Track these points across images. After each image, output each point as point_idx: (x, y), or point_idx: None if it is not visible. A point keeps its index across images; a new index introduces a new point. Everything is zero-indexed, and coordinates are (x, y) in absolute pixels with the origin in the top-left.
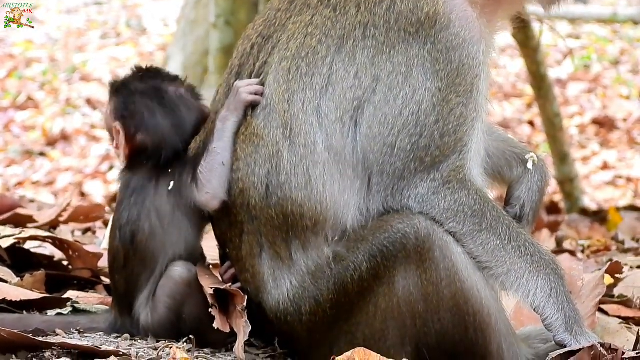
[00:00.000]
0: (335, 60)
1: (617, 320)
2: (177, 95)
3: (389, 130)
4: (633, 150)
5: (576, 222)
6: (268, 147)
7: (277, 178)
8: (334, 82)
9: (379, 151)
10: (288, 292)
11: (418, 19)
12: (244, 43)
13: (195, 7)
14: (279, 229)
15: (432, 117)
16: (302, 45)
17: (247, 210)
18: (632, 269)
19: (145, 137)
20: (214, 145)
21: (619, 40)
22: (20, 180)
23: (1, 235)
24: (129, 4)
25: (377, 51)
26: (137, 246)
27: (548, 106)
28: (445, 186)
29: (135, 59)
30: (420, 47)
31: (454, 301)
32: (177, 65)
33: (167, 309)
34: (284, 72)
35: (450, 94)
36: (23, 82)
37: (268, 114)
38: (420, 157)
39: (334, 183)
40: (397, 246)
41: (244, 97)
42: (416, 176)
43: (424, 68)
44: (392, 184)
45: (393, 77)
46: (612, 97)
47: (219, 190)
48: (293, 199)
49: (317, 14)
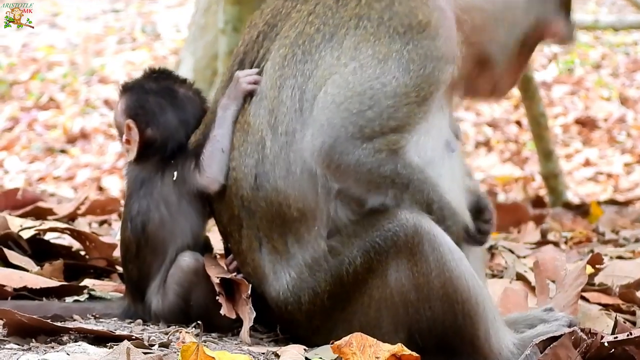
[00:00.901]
0: (325, 46)
1: (598, 307)
2: (187, 96)
3: (344, 93)
4: (613, 148)
5: (560, 215)
6: (255, 136)
7: (263, 168)
8: (319, 66)
9: (323, 108)
10: (287, 283)
11: (409, 23)
12: (250, 31)
13: (204, 13)
14: (272, 222)
15: (389, 101)
16: (301, 33)
17: (241, 202)
18: (612, 259)
19: (155, 132)
20: (214, 133)
21: (600, 45)
22: (42, 175)
23: (23, 227)
24: (144, 11)
25: (362, 39)
26: (148, 236)
27: (534, 107)
28: (372, 156)
29: (149, 63)
30: (402, 45)
31: (444, 290)
32: (188, 68)
33: (177, 296)
34: (280, 58)
35: (412, 92)
36: (45, 84)
37: (259, 101)
38: (361, 125)
39: (309, 175)
40: (389, 242)
41: (243, 86)
42: (348, 141)
43: (399, 62)
44: (327, 140)
45: (369, 59)
46: (593, 99)
47: (218, 174)
48: (278, 190)
49: (320, 3)
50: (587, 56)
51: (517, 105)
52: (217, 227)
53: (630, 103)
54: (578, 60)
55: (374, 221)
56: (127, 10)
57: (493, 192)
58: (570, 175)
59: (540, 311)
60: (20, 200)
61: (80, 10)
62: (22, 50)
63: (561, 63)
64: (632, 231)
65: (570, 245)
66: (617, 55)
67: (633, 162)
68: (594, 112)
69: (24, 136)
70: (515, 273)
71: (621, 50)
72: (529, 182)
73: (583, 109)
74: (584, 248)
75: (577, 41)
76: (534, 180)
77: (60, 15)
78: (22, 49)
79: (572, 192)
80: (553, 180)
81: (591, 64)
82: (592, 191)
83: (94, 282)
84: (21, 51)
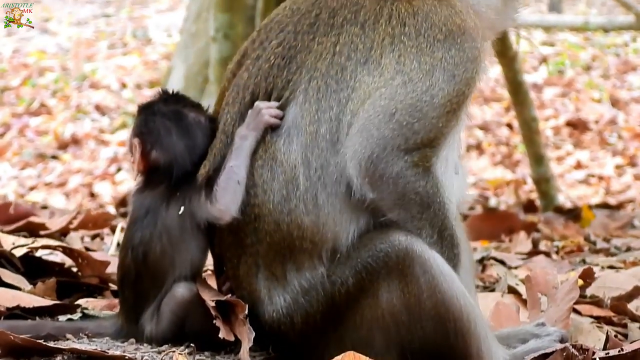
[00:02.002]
0: (361, 71)
1: (589, 320)
2: (196, 121)
3: (395, 105)
4: (604, 151)
5: (552, 220)
6: (286, 173)
7: (289, 205)
8: (356, 90)
9: (374, 117)
10: (282, 307)
11: (449, 29)
12: (257, 63)
13: (195, 20)
14: (277, 252)
15: (435, 113)
16: (331, 63)
17: (256, 234)
18: (603, 269)
19: (159, 155)
20: (231, 164)
21: (591, 47)
22: (34, 183)
23: (15, 245)
24: (135, 16)
25: (403, 52)
26: (148, 265)
27: (525, 111)
28: (411, 169)
29: (140, 67)
30: (445, 51)
31: (435, 310)
32: (180, 75)
33: (171, 324)
34: (314, 91)
35: (454, 100)
36: (36, 90)
37: (293, 136)
38: (407, 137)
39: (337, 202)
40: (380, 263)
41: (266, 118)
42: (394, 152)
43: (445, 70)
44: (375, 149)
45: (416, 72)
46: (584, 101)
47: (231, 206)
48: (299, 224)
49: (344, 32)
50: (578, 57)
51: (508, 107)
52: (211, 249)
53: (621, 105)
54: (568, 61)
55: (366, 241)
56: (118, 15)
57: (484, 196)
58: (562, 178)
59: (532, 326)
60: (12, 214)
61: (72, 15)
62: (13, 56)
63: (551, 65)
64: (624, 239)
65: (561, 255)
66: (608, 56)
67: (624, 164)
68: (585, 114)
69: (15, 142)
70: (506, 286)
71: (611, 52)
72: (520, 185)
73: (574, 111)
74: (575, 257)
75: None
76: (526, 184)
77: (51, 20)
78: (13, 54)
79: (563, 195)
80: (544, 185)
81: (582, 65)
82: (583, 194)
83: (87, 300)
84: (12, 57)
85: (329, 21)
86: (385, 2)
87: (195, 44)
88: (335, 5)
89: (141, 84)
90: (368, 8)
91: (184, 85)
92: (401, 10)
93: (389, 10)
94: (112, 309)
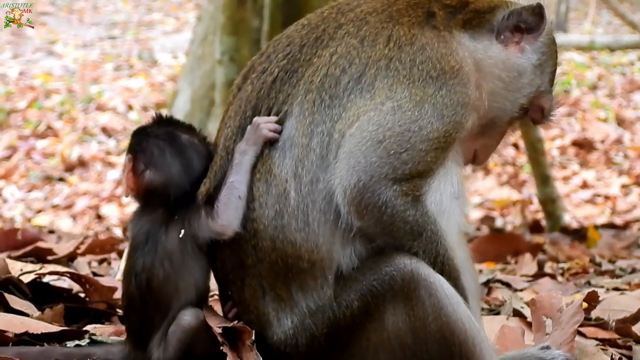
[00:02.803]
0: (354, 88)
1: (594, 342)
2: (189, 142)
3: (383, 132)
4: (610, 170)
5: (558, 240)
6: (279, 187)
7: (282, 220)
8: (348, 109)
9: (362, 143)
10: (289, 328)
11: (442, 68)
12: (262, 76)
13: (201, 44)
14: (278, 273)
15: (423, 145)
16: (325, 75)
17: (255, 253)
18: (608, 290)
19: (153, 175)
20: (231, 179)
21: (597, 66)
22: (41, 206)
23: (23, 271)
24: (140, 38)
25: (396, 81)
26: (153, 291)
27: (530, 132)
28: (400, 199)
29: (146, 89)
30: (436, 89)
31: (441, 334)
32: (186, 98)
33: (178, 351)
34: (309, 104)
35: (442, 137)
36: (43, 112)
37: (287, 149)
38: (395, 166)
39: (327, 222)
40: (385, 286)
41: (264, 132)
42: (381, 181)
43: (434, 107)
44: (362, 177)
45: (406, 101)
46: (590, 120)
47: (233, 221)
48: (293, 242)
49: (343, 44)
50: (584, 77)
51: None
52: (214, 274)
53: (626, 124)
54: (574, 81)
55: (372, 264)
56: (124, 37)
57: (491, 217)
58: (568, 197)
59: (537, 349)
60: (20, 240)
61: (77, 37)
62: (20, 78)
63: (558, 84)
64: (629, 261)
65: (567, 277)
66: (614, 75)
67: (630, 184)
68: (591, 134)
69: (22, 165)
70: (512, 309)
71: (617, 71)
72: (527, 205)
73: (580, 131)
74: (580, 279)
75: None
76: (532, 204)
77: (57, 43)
78: (20, 76)
79: (569, 215)
80: (550, 205)
81: (587, 84)
82: (589, 213)
83: (95, 326)
84: (18, 79)
85: (334, 35)
86: (387, 23)
87: (201, 67)
88: (342, 20)
89: (147, 105)
90: (371, 25)
91: (190, 108)
92: (400, 34)
93: (390, 32)
94: (119, 335)
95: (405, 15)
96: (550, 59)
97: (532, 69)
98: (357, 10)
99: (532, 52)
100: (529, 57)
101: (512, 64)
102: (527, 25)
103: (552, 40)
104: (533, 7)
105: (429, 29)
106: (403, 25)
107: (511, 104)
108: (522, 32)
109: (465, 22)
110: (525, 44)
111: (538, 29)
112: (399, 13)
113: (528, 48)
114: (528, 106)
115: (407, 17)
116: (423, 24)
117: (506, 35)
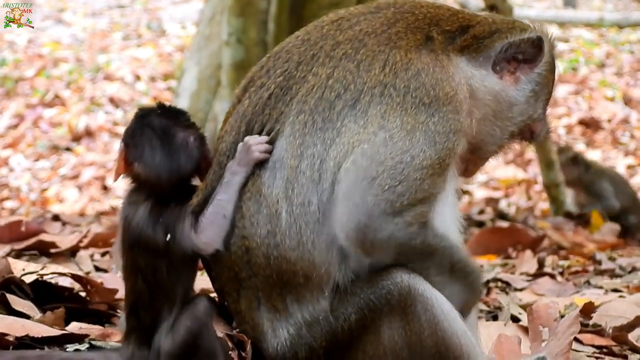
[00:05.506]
0: (348, 114)
1: (591, 350)
2: (183, 143)
3: (376, 168)
4: (616, 150)
5: (561, 225)
6: (270, 208)
7: (274, 239)
8: (342, 134)
9: (357, 183)
10: (285, 339)
11: (436, 94)
12: (257, 91)
13: (209, 24)
14: (273, 285)
15: (417, 174)
16: (320, 98)
17: (250, 268)
18: (607, 292)
19: (141, 170)
20: (219, 197)
21: (605, 43)
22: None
23: (25, 271)
24: (149, 7)
25: (389, 108)
26: (159, 282)
27: None
28: (404, 230)
29: (154, 59)
30: (428, 116)
31: (436, 348)
32: (192, 78)
33: (189, 333)
34: (300, 125)
35: (436, 163)
36: (51, 81)
37: (276, 170)
38: (392, 200)
39: (322, 242)
40: (382, 301)
41: (255, 155)
42: (381, 218)
43: (426, 134)
44: (361, 218)
45: (397, 130)
46: (597, 99)
47: (215, 239)
48: (288, 259)
49: (340, 67)
50: (592, 54)
51: None
52: (212, 284)
53: (634, 103)
54: (582, 58)
55: (369, 278)
56: (132, 6)
57: (495, 199)
58: None
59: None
60: (23, 232)
61: (87, 5)
62: (28, 46)
63: (565, 62)
64: (629, 259)
65: (566, 277)
66: (622, 53)
67: (636, 165)
68: (598, 113)
69: (29, 134)
70: (509, 315)
71: (626, 49)
72: (531, 185)
73: (587, 110)
74: (580, 278)
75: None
76: (537, 183)
77: (66, 11)
78: (28, 44)
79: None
80: (554, 190)
81: (595, 62)
82: None
83: (95, 327)
84: (27, 47)
85: (330, 53)
86: (385, 47)
87: (208, 47)
88: (341, 38)
89: (155, 76)
90: (369, 47)
91: (196, 87)
92: (396, 59)
93: (386, 56)
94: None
95: (403, 39)
96: (546, 87)
97: (525, 99)
98: (356, 28)
99: (527, 82)
100: (523, 87)
101: (505, 96)
102: (524, 57)
103: (550, 66)
104: (533, 39)
105: (427, 53)
106: (400, 49)
107: (501, 131)
108: (519, 61)
109: (463, 47)
110: (521, 75)
111: (535, 61)
112: (397, 36)
113: (523, 78)
114: (518, 132)
115: (406, 41)
116: (421, 47)
117: (502, 65)
